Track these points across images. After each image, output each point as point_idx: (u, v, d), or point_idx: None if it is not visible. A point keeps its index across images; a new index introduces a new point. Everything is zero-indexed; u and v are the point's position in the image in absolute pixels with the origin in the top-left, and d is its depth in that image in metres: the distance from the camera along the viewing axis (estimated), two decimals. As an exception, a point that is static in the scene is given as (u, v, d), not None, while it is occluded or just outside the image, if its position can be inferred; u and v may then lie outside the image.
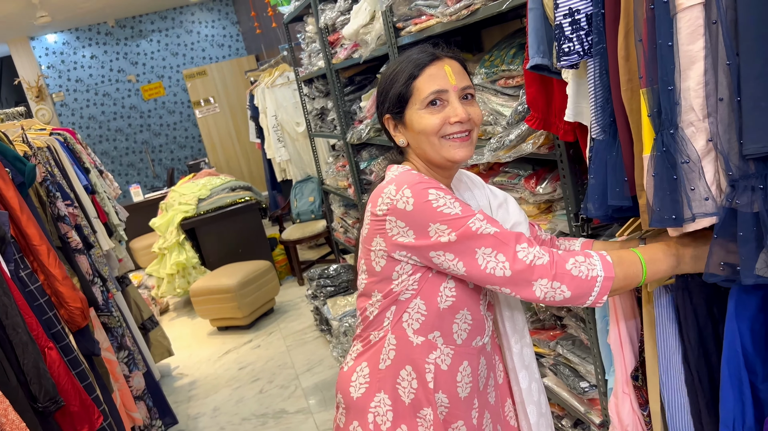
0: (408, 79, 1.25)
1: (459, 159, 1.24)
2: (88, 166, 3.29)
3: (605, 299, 1.14)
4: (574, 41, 1.12)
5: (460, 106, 1.22)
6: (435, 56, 1.25)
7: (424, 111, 1.23)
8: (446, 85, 1.23)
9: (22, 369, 1.44)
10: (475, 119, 1.25)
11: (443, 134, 1.23)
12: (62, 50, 8.70)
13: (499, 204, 1.41)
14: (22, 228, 1.71)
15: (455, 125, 1.22)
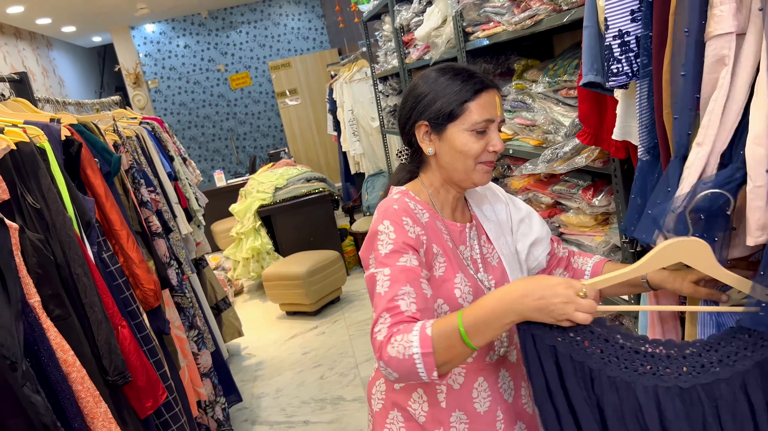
0: (462, 100, 1.29)
1: (482, 183, 1.33)
2: (172, 153, 3.50)
3: (444, 372, 1.12)
4: (623, 62, 1.12)
5: (498, 137, 1.30)
6: (488, 84, 1.31)
7: (470, 134, 1.29)
8: (495, 116, 1.30)
9: (96, 344, 1.60)
10: (501, 150, 1.32)
11: (480, 160, 1.30)
12: (159, 39, 9.20)
13: (521, 219, 1.46)
14: (106, 214, 1.88)
15: (491, 154, 1.30)
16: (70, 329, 1.51)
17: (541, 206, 2.14)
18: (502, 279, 1.37)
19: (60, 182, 1.66)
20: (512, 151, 2.19)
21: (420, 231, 1.28)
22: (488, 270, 1.38)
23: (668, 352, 1.09)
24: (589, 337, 1.09)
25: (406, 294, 1.18)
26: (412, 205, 1.33)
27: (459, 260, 1.34)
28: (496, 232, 1.43)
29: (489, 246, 1.41)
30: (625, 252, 1.57)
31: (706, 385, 1.05)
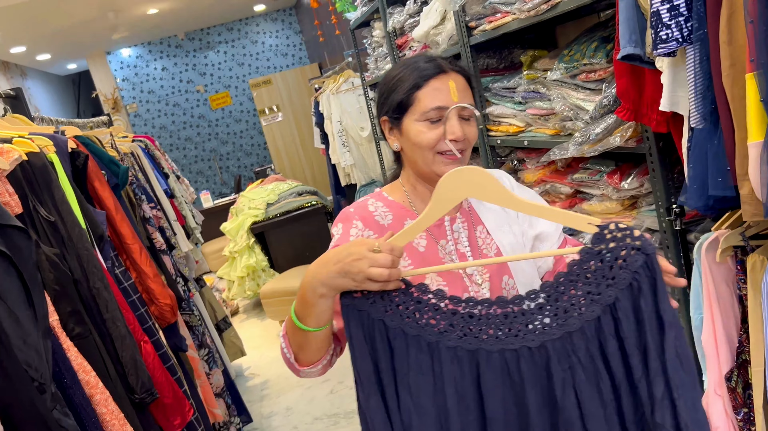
0: (411, 88, 1.23)
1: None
2: (167, 171, 3.42)
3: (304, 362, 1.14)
4: (673, 28, 1.09)
5: (458, 124, 1.21)
6: (441, 69, 1.23)
7: (422, 124, 1.22)
8: (448, 102, 1.21)
9: (120, 361, 1.51)
10: (471, 139, 1.23)
11: (438, 150, 1.22)
12: (136, 63, 9.09)
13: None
14: (117, 228, 1.80)
15: (450, 143, 1.21)
16: (91, 348, 1.43)
17: (561, 197, 2.10)
18: (500, 271, 1.28)
19: (70, 195, 1.58)
20: (527, 143, 2.15)
21: (370, 234, 1.26)
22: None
23: (504, 311, 1.00)
24: (417, 307, 1.00)
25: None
26: (373, 207, 1.29)
27: (432, 258, 1.26)
28: (497, 222, 1.34)
29: (486, 237, 1.33)
30: (664, 234, 1.53)
31: (557, 340, 0.96)
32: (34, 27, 6.58)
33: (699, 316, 1.35)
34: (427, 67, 1.24)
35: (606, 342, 0.95)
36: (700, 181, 1.12)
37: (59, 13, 6.27)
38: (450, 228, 1.31)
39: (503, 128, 2.36)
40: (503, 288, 1.28)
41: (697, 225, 1.57)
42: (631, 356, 0.94)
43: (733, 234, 1.23)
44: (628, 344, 0.94)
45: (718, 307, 1.28)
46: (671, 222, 1.48)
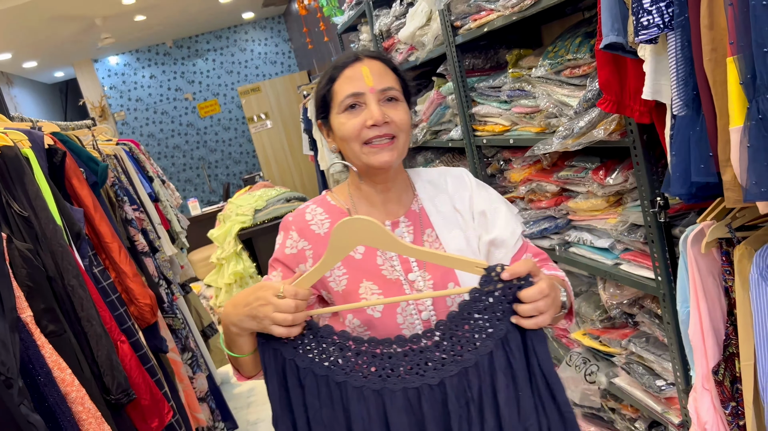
0: (328, 82, 1.22)
1: (378, 165, 1.18)
2: (151, 174, 3.38)
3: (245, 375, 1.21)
4: (654, 14, 1.08)
5: (377, 108, 1.16)
6: (355, 57, 1.21)
7: (343, 115, 1.19)
8: (362, 87, 1.17)
9: (96, 361, 1.47)
10: (398, 122, 1.18)
11: (364, 140, 1.17)
12: (123, 71, 9.05)
13: (482, 211, 1.29)
14: (96, 226, 1.76)
15: (372, 129, 1.16)
16: (66, 346, 1.39)
17: (546, 195, 2.09)
18: (445, 277, 1.23)
19: (46, 192, 1.54)
20: (512, 141, 2.14)
21: (305, 245, 1.24)
22: (427, 267, 1.24)
23: (404, 349, 1.07)
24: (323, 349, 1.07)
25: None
26: (310, 215, 1.27)
27: (369, 266, 1.22)
28: (447, 225, 1.28)
29: (435, 242, 1.27)
30: (649, 228, 1.52)
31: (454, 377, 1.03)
32: (19, 34, 6.53)
33: (686, 309, 1.33)
34: (341, 58, 1.23)
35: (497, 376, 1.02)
36: (682, 169, 1.10)
37: (45, 20, 6.23)
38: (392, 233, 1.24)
39: (489, 128, 2.35)
40: (448, 297, 1.21)
41: (681, 219, 1.56)
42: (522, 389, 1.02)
43: (719, 226, 1.21)
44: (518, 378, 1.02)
45: (705, 300, 1.27)
46: (656, 215, 1.47)
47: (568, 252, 2.00)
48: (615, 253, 1.79)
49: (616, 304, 1.86)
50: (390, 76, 1.22)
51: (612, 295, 1.87)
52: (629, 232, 1.68)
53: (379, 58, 1.23)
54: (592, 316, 2.00)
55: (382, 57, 1.24)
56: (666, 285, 1.52)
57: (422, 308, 1.20)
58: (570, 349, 2.17)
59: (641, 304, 1.81)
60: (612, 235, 1.78)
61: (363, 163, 1.20)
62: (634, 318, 1.86)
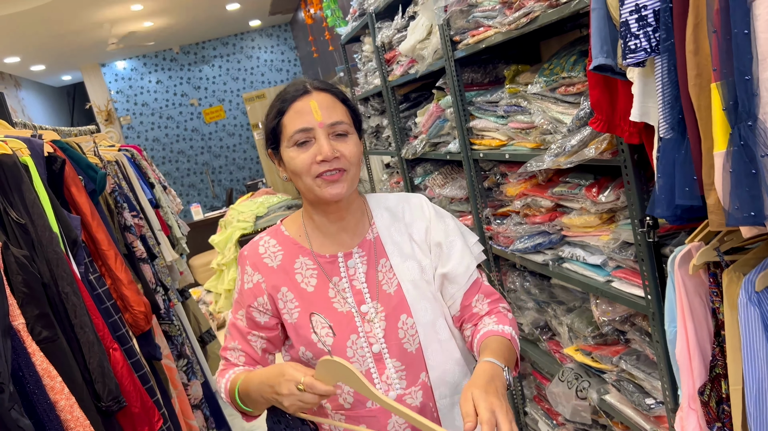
0: (277, 114, 1.22)
1: (330, 198, 1.18)
2: (153, 181, 3.41)
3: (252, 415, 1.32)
4: (641, 38, 1.09)
5: (326, 143, 1.16)
6: (304, 90, 1.20)
7: (292, 150, 1.19)
8: (311, 122, 1.17)
9: (88, 368, 1.49)
10: (348, 156, 1.18)
11: (315, 174, 1.17)
12: (130, 76, 9.12)
13: (438, 242, 1.29)
14: (92, 233, 1.78)
15: (322, 164, 1.16)
16: (58, 352, 1.40)
17: (541, 210, 2.10)
18: (397, 309, 1.23)
19: (44, 199, 1.57)
20: (508, 156, 2.15)
21: (260, 278, 1.27)
22: (380, 298, 1.24)
23: None
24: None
25: (234, 350, 1.31)
26: (263, 248, 1.29)
27: (320, 299, 1.24)
28: (402, 255, 1.27)
29: (389, 272, 1.27)
30: (639, 247, 1.53)
31: None
32: (28, 37, 6.60)
33: (673, 329, 1.34)
34: (289, 90, 1.22)
35: None
36: (667, 190, 1.11)
37: (54, 24, 6.29)
38: (344, 264, 1.26)
39: (486, 142, 2.36)
40: (400, 328, 1.23)
41: (672, 239, 1.56)
42: None
43: (708, 250, 1.22)
44: None
45: (692, 320, 1.28)
46: (645, 235, 1.48)
47: (562, 268, 2.01)
48: (607, 270, 1.80)
49: (608, 321, 1.87)
50: (339, 108, 1.22)
51: (604, 312, 1.87)
52: (621, 250, 1.69)
53: (329, 90, 1.23)
54: (584, 332, 2.01)
55: (331, 89, 1.24)
56: (655, 303, 1.53)
57: (373, 341, 1.22)
58: (562, 364, 2.18)
59: (632, 322, 1.82)
60: (604, 252, 1.79)
61: (315, 196, 1.20)
62: (626, 336, 1.86)
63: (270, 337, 1.31)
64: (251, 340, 1.30)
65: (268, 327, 1.29)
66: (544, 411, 2.49)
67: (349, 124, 1.22)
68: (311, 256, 1.27)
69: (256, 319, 1.29)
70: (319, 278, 1.26)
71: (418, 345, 1.24)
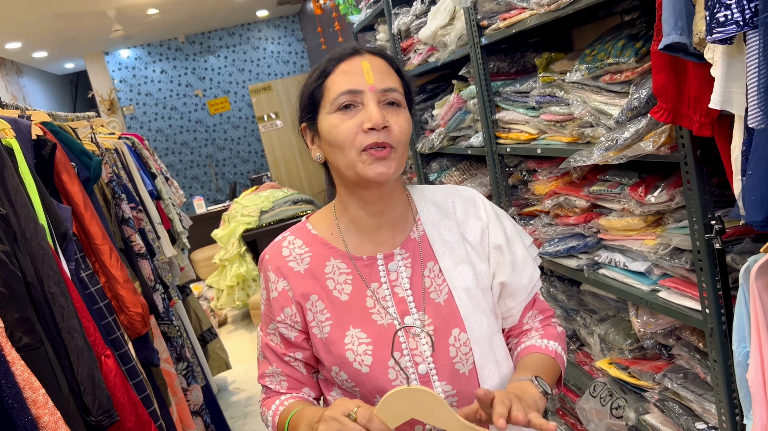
0: (320, 76, 1.04)
1: (374, 177, 0.99)
2: (154, 171, 3.24)
3: None
4: (733, 8, 0.92)
5: (376, 109, 0.99)
6: (355, 50, 1.04)
7: (335, 116, 1.01)
8: (361, 84, 1.00)
9: (76, 378, 1.32)
10: (397, 131, 1.00)
11: (360, 147, 0.99)
12: (134, 65, 8.95)
13: (498, 246, 1.11)
14: (85, 226, 1.62)
15: (370, 134, 0.98)
16: (41, 361, 1.24)
17: (575, 211, 1.93)
18: (448, 322, 1.05)
19: (30, 187, 1.40)
20: (540, 151, 1.98)
21: (285, 285, 1.08)
22: (428, 309, 1.06)
23: None
24: None
25: (274, 375, 1.14)
26: (288, 250, 1.10)
27: (357, 308, 1.05)
28: (453, 258, 1.09)
29: (437, 277, 1.08)
30: (698, 254, 1.36)
31: None
32: (30, 23, 6.43)
33: (743, 350, 1.17)
34: (338, 51, 1.05)
35: None
36: (759, 191, 0.94)
37: (57, 10, 6.12)
38: (385, 268, 1.08)
39: (513, 135, 2.19)
40: (451, 345, 1.04)
41: (734, 245, 1.39)
42: None
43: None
44: None
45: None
46: (709, 241, 1.30)
47: (597, 274, 1.84)
48: (652, 278, 1.63)
49: (650, 334, 1.70)
50: (393, 76, 1.05)
51: (645, 324, 1.70)
52: (671, 257, 1.52)
53: (382, 56, 1.06)
54: (621, 345, 1.84)
55: (385, 54, 1.07)
56: (715, 319, 1.36)
57: (419, 360, 1.03)
58: (593, 378, 2.01)
59: (678, 335, 1.65)
60: (649, 259, 1.62)
61: (356, 174, 1.01)
62: (670, 350, 1.69)
63: (305, 357, 1.12)
64: (290, 361, 1.12)
65: (297, 344, 1.11)
66: (568, 426, 2.32)
67: (401, 94, 1.04)
68: (345, 258, 1.08)
69: (285, 335, 1.11)
70: (354, 284, 1.07)
71: (472, 365, 1.05)
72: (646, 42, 1.50)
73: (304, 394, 1.15)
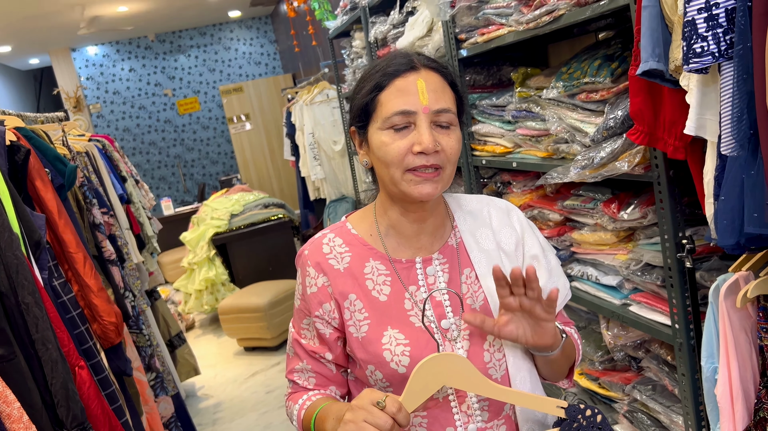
0: (374, 89, 1.03)
1: (418, 197, 1.01)
2: (124, 174, 3.19)
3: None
4: (709, 40, 0.96)
5: (428, 133, 0.99)
6: (411, 64, 1.02)
7: (386, 134, 1.01)
8: (415, 104, 0.99)
9: (49, 390, 1.30)
10: (449, 152, 1.01)
11: (407, 167, 1.00)
12: (102, 62, 8.78)
13: (534, 255, 1.14)
14: (59, 234, 1.59)
15: (419, 156, 0.99)
16: (16, 373, 1.21)
17: (549, 224, 1.97)
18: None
19: (3, 194, 1.37)
20: (516, 164, 2.02)
21: (325, 281, 1.09)
22: (463, 314, 1.07)
23: None
24: None
25: (303, 371, 1.15)
26: (328, 248, 1.11)
27: (395, 310, 1.07)
28: (489, 265, 1.11)
29: (473, 284, 1.10)
30: (669, 271, 1.40)
31: None
32: (-6, 16, 6.26)
33: (711, 366, 1.21)
34: (394, 63, 1.03)
35: None
36: (731, 217, 0.98)
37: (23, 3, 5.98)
38: (423, 272, 1.09)
39: (489, 148, 2.22)
40: (486, 350, 1.07)
41: (702, 263, 1.44)
42: None
43: (763, 282, 1.09)
44: None
45: (736, 358, 1.15)
46: (680, 260, 1.35)
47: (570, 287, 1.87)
48: (623, 293, 1.67)
49: (620, 346, 1.74)
50: (448, 94, 1.04)
51: (616, 336, 1.75)
52: (642, 272, 1.57)
53: (439, 70, 1.04)
54: (591, 356, 1.88)
55: (442, 69, 1.05)
56: (684, 334, 1.40)
57: None
58: (563, 389, 2.05)
59: (647, 348, 1.70)
60: (621, 273, 1.66)
61: (400, 191, 1.03)
62: (639, 363, 1.74)
63: (335, 357, 1.13)
64: (320, 358, 1.13)
65: (329, 343, 1.12)
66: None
67: (454, 114, 1.04)
68: (385, 260, 1.10)
69: (320, 331, 1.11)
70: (393, 286, 1.08)
71: (504, 371, 1.08)
72: (622, 63, 1.55)
73: (331, 392, 1.16)
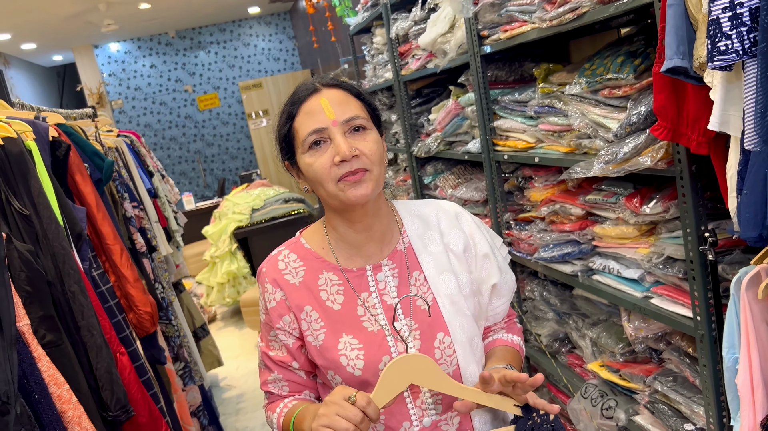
0: (288, 119, 1.13)
1: (355, 200, 1.07)
2: (151, 169, 3.27)
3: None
4: (733, 38, 0.99)
5: (343, 141, 1.06)
6: (313, 88, 1.11)
7: (308, 155, 1.09)
8: (324, 121, 1.07)
9: (94, 374, 1.36)
10: (368, 153, 1.07)
11: (336, 178, 1.06)
12: (124, 59, 8.91)
13: (485, 255, 1.21)
14: (97, 226, 1.65)
15: (342, 165, 1.05)
16: (63, 358, 1.28)
17: (571, 218, 1.99)
18: (433, 327, 1.13)
19: (48, 188, 1.44)
20: (538, 159, 2.05)
21: (282, 295, 1.16)
22: (414, 315, 1.14)
23: None
24: None
25: (276, 381, 1.21)
26: (283, 264, 1.18)
27: (348, 317, 1.13)
28: (437, 267, 1.17)
29: (422, 286, 1.16)
30: (691, 264, 1.43)
31: None
32: (20, 13, 6.39)
33: (733, 356, 1.24)
34: (299, 91, 1.13)
35: None
36: (754, 210, 1.01)
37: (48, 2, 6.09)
38: (374, 279, 1.16)
39: (511, 143, 2.25)
40: (436, 348, 1.12)
41: (724, 256, 1.47)
42: None
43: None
44: None
45: (757, 349, 1.18)
46: (702, 252, 1.38)
47: (591, 280, 1.91)
48: (645, 285, 1.70)
49: (641, 338, 1.77)
50: (353, 103, 1.12)
51: (637, 329, 1.77)
52: (664, 265, 1.59)
53: (339, 86, 1.13)
54: (613, 348, 1.91)
55: (341, 84, 1.14)
56: (705, 326, 1.43)
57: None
58: (585, 380, 2.08)
59: (668, 340, 1.73)
60: (643, 266, 1.69)
61: (340, 202, 1.09)
62: (660, 354, 1.77)
63: (302, 364, 1.20)
64: (289, 367, 1.20)
65: (294, 352, 1.19)
66: (558, 425, 2.39)
67: (366, 119, 1.11)
68: (337, 271, 1.17)
69: (284, 342, 1.18)
70: (346, 294, 1.15)
71: (455, 366, 1.14)
72: (644, 59, 1.57)
73: (306, 395, 1.24)
